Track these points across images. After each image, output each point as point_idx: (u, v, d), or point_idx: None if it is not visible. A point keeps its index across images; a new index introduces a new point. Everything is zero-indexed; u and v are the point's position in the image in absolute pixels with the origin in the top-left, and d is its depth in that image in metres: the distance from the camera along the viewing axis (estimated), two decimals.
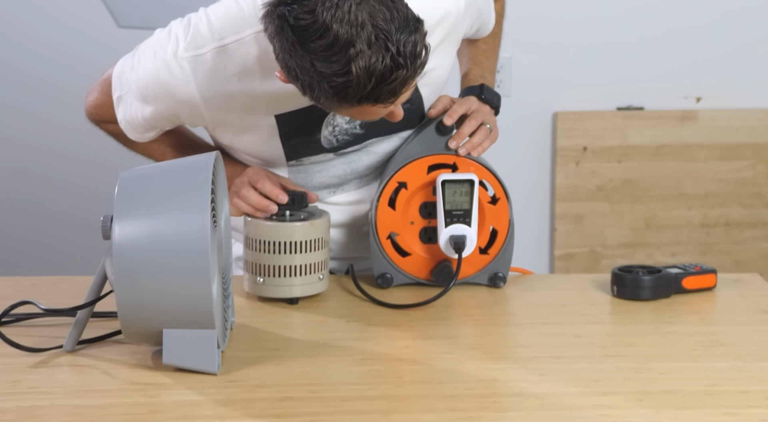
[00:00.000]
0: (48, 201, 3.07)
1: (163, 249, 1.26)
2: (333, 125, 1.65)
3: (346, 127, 1.66)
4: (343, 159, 1.71)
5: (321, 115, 1.63)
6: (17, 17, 2.99)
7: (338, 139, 1.67)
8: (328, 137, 1.66)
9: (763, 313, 1.60)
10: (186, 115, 1.61)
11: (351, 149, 1.70)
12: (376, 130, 1.69)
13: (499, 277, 1.69)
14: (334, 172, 1.72)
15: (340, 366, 1.36)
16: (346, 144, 1.68)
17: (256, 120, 1.61)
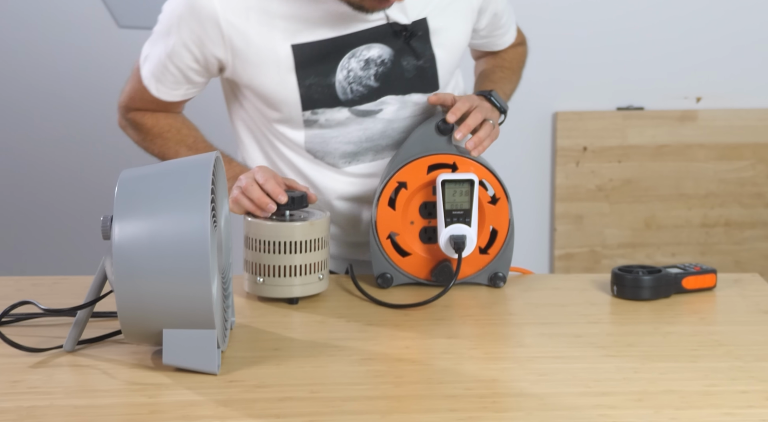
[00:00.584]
0: (48, 201, 3.07)
1: (163, 249, 1.26)
2: (348, 69, 1.69)
3: (361, 74, 1.71)
4: (357, 123, 1.74)
5: (337, 54, 1.69)
6: (17, 17, 2.99)
7: (352, 88, 1.71)
8: (342, 83, 1.70)
9: (763, 313, 1.60)
10: (209, 39, 1.67)
11: (365, 106, 1.73)
12: (390, 85, 1.73)
13: (499, 277, 1.69)
14: (349, 138, 1.75)
15: (340, 366, 1.36)
16: (360, 97, 1.72)
17: (273, 49, 1.67)
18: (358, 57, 1.71)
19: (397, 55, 1.73)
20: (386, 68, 1.72)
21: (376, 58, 1.71)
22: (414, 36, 1.73)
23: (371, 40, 1.71)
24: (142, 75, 1.76)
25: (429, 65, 1.75)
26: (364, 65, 1.71)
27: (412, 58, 1.74)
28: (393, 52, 1.72)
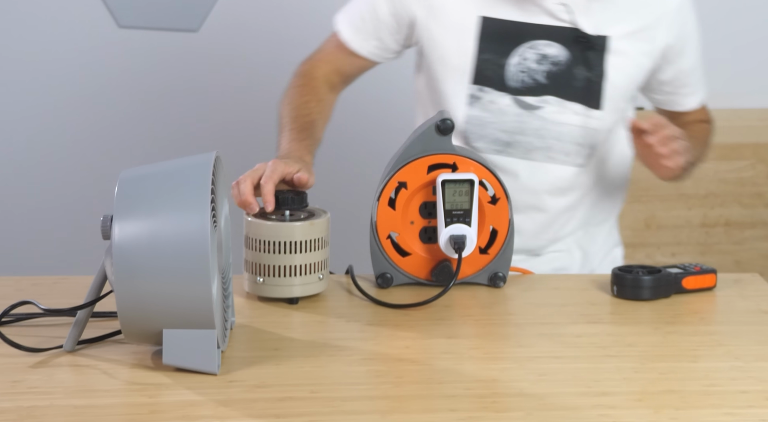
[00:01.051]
0: (48, 201, 3.07)
1: (163, 249, 1.26)
2: (523, 57, 1.77)
3: (533, 66, 1.78)
4: (516, 113, 1.81)
5: (518, 38, 1.78)
6: (17, 17, 2.99)
7: (521, 78, 1.78)
8: (514, 68, 1.78)
9: (763, 313, 1.60)
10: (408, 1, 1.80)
11: (527, 99, 1.80)
12: (556, 87, 1.81)
13: (499, 277, 1.69)
14: (506, 127, 1.82)
15: (340, 366, 1.36)
16: (525, 88, 1.80)
17: (464, 14, 1.78)
18: (536, 49, 1.78)
19: (572, 61, 1.80)
20: (558, 69, 1.79)
21: (552, 57, 1.78)
22: (592, 48, 1.79)
23: (553, 38, 1.79)
24: (337, 20, 1.89)
25: (597, 81, 1.81)
26: (540, 59, 1.78)
27: (584, 69, 1.80)
28: (570, 56, 1.79)
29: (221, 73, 3.06)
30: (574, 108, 1.83)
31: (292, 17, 3.05)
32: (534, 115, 1.83)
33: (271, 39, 3.05)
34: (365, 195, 1.88)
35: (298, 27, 3.04)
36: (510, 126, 1.83)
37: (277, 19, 3.05)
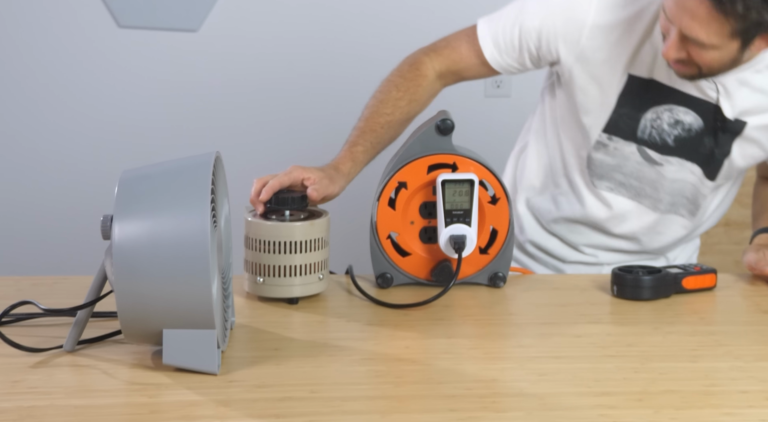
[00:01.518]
0: (48, 201, 3.07)
1: (163, 249, 1.26)
2: (658, 116, 1.77)
3: (665, 128, 1.78)
4: (637, 162, 1.82)
5: (659, 99, 1.77)
6: (17, 17, 2.99)
7: (650, 133, 1.78)
8: (646, 122, 1.78)
9: (763, 313, 1.60)
10: (563, 37, 1.77)
11: (651, 152, 1.81)
12: (682, 150, 1.81)
13: (499, 277, 1.69)
14: (623, 170, 1.84)
15: (340, 366, 1.36)
16: (651, 143, 1.80)
17: (613, 71, 1.76)
18: (673, 113, 1.78)
19: (703, 132, 1.79)
20: (688, 136, 1.79)
21: (687, 125, 1.78)
22: (726, 130, 1.79)
23: (692, 108, 1.78)
24: (480, 28, 1.85)
25: (720, 157, 1.82)
26: (673, 123, 1.78)
27: (712, 142, 1.80)
28: (703, 127, 1.79)
29: (221, 73, 3.06)
30: (692, 168, 1.83)
31: (292, 17, 3.05)
32: (653, 169, 1.84)
33: (271, 39, 3.05)
34: (365, 195, 1.88)
35: (298, 27, 3.05)
36: (628, 170, 1.85)
37: (277, 19, 3.05)
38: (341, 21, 3.07)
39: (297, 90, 3.08)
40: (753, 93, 1.76)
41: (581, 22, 1.76)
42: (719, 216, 2.01)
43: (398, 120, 1.83)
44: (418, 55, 1.89)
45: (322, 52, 3.07)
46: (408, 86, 1.84)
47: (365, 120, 1.82)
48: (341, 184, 1.71)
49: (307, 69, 3.07)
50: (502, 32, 1.84)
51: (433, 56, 1.88)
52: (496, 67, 1.88)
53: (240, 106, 3.08)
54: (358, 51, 3.06)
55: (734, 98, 1.75)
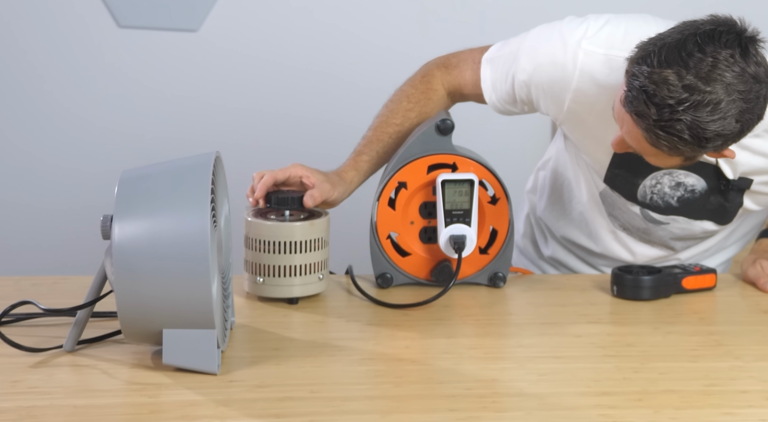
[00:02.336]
0: (48, 201, 3.07)
1: (163, 249, 1.26)
2: (657, 181, 1.72)
3: (667, 191, 1.73)
4: (642, 221, 1.78)
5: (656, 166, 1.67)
6: (17, 17, 2.99)
7: (652, 198, 1.74)
8: (646, 188, 1.73)
9: (763, 313, 1.60)
10: (550, 98, 1.69)
11: (654, 215, 1.76)
12: (687, 210, 1.75)
13: (499, 277, 1.69)
14: (631, 223, 1.80)
15: (340, 366, 1.36)
16: (654, 207, 1.75)
17: (604, 134, 1.66)
18: (673, 176, 1.73)
19: (708, 192, 1.73)
20: (692, 196, 1.74)
21: (689, 186, 1.73)
22: (732, 188, 1.73)
23: (693, 170, 1.72)
24: (484, 60, 1.78)
25: (732, 209, 1.76)
26: (675, 186, 1.73)
27: (721, 199, 1.74)
28: (707, 188, 1.73)
29: (221, 73, 3.06)
30: (702, 225, 1.78)
31: (292, 17, 3.05)
32: (660, 227, 1.79)
33: (271, 39, 3.05)
34: (365, 195, 1.88)
35: (298, 27, 3.04)
36: (635, 225, 1.80)
37: (277, 19, 3.05)
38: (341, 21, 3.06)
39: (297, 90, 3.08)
40: (754, 156, 1.68)
41: (567, 84, 1.67)
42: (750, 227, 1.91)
43: (407, 130, 1.79)
44: (432, 67, 1.85)
45: (322, 52, 3.07)
46: (419, 98, 1.81)
47: (374, 129, 1.79)
48: (341, 190, 1.69)
49: (308, 69, 3.07)
50: (501, 76, 1.77)
51: (444, 72, 1.84)
52: (492, 108, 1.81)
53: (240, 106, 3.08)
54: (359, 51, 3.06)
55: (734, 162, 1.68)
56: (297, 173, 1.65)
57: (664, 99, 1.41)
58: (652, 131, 1.45)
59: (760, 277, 1.71)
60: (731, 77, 1.41)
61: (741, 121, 1.44)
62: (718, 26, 1.45)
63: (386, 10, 3.08)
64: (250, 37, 3.05)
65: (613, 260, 1.84)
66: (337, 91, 3.08)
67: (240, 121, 3.09)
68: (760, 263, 1.74)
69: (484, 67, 1.79)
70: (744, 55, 1.43)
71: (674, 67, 1.42)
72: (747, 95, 1.42)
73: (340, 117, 2.98)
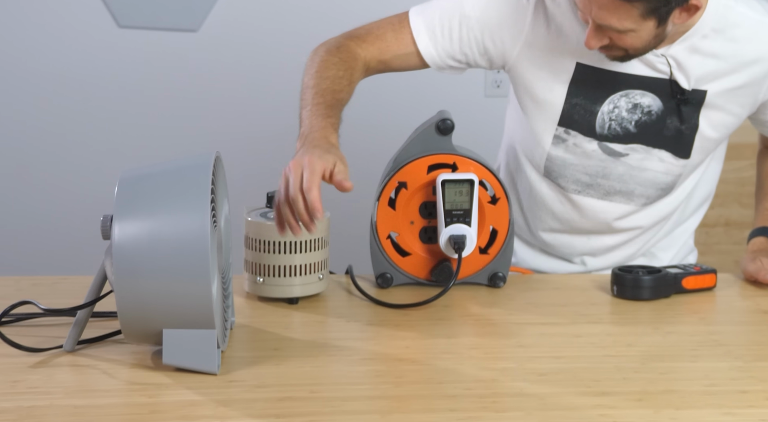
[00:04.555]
0: (48, 201, 3.07)
1: (163, 249, 1.26)
2: (615, 105, 1.74)
3: (624, 115, 1.75)
4: (601, 159, 1.79)
5: (612, 87, 1.74)
6: (17, 17, 2.99)
7: (610, 125, 1.75)
8: (604, 116, 1.74)
9: (763, 313, 1.60)
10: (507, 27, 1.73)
11: (614, 146, 1.77)
12: (645, 136, 1.77)
13: (499, 277, 1.69)
14: (588, 170, 1.80)
15: (340, 366, 1.36)
16: (613, 136, 1.76)
17: (560, 59, 1.72)
18: (629, 98, 1.75)
19: (664, 112, 1.75)
20: (649, 119, 1.75)
21: (645, 107, 1.74)
22: (687, 102, 1.75)
23: (648, 89, 1.75)
24: (412, 19, 1.76)
25: (689, 132, 1.77)
26: (631, 108, 1.74)
27: (677, 120, 1.76)
28: (663, 107, 1.75)
29: (221, 73, 3.06)
30: (660, 155, 1.79)
31: (292, 17, 3.05)
32: (618, 161, 1.79)
33: (271, 39, 3.05)
34: (365, 195, 1.88)
35: (298, 27, 3.04)
36: (593, 169, 1.81)
37: (277, 19, 3.05)
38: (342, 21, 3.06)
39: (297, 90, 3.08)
40: (705, 59, 1.72)
41: (524, 8, 1.73)
42: (704, 196, 1.94)
43: (344, 99, 1.69)
44: (343, 40, 1.77)
45: None
46: (346, 67, 1.72)
47: (324, 94, 1.65)
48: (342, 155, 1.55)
49: None
50: (440, 23, 1.75)
51: (359, 43, 1.77)
52: (430, 63, 1.78)
53: (240, 106, 3.08)
54: None
55: (687, 68, 1.72)
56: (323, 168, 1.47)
57: None
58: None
59: (761, 270, 1.72)
60: None
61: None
62: None
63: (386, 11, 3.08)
64: (250, 37, 3.05)
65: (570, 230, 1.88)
66: None
67: (240, 120, 3.09)
68: (760, 259, 1.75)
69: (414, 20, 1.77)
70: None
71: None
72: None
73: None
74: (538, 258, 1.95)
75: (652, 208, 1.85)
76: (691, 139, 1.77)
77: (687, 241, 1.99)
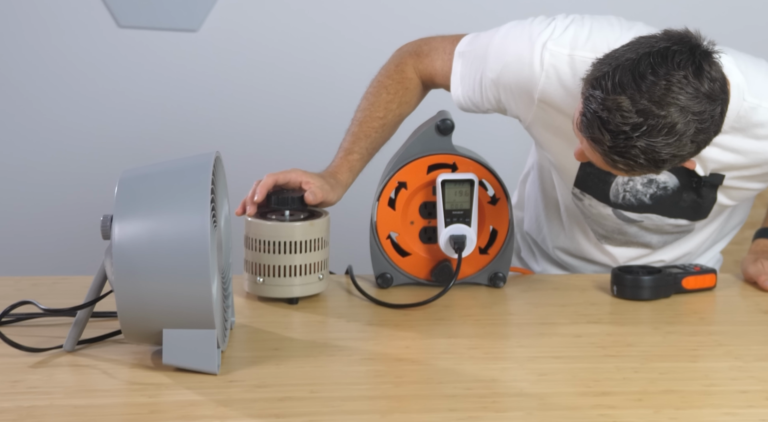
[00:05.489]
0: (48, 201, 3.07)
1: (163, 249, 1.26)
2: (630, 178, 1.70)
3: (639, 188, 1.72)
4: (614, 222, 1.77)
5: None
6: (17, 17, 2.99)
7: (625, 196, 1.72)
8: (618, 187, 1.71)
9: (763, 313, 1.60)
10: (519, 95, 1.67)
11: (628, 214, 1.74)
12: (661, 207, 1.74)
13: (499, 277, 1.69)
14: (605, 226, 1.79)
15: (340, 366, 1.36)
16: (627, 206, 1.73)
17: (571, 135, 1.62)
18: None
19: (680, 189, 1.72)
20: (665, 193, 1.72)
21: (661, 183, 1.71)
22: (704, 184, 1.71)
23: None
24: (455, 55, 1.77)
25: (707, 205, 1.74)
26: (647, 183, 1.71)
27: (694, 195, 1.72)
28: (679, 184, 1.71)
29: (221, 73, 3.06)
30: (677, 222, 1.76)
31: (292, 17, 3.05)
32: (634, 226, 1.77)
33: (271, 39, 3.05)
34: (365, 195, 1.88)
35: (298, 27, 3.04)
36: (609, 227, 1.79)
37: (277, 19, 3.05)
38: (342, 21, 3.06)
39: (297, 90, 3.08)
40: (723, 152, 1.65)
41: (534, 84, 1.65)
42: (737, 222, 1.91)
43: (391, 122, 1.80)
44: (405, 55, 1.85)
45: (322, 52, 3.07)
46: (397, 88, 1.81)
47: (359, 124, 1.79)
48: (339, 193, 1.70)
49: (308, 69, 3.07)
50: (469, 73, 1.75)
51: (416, 62, 1.84)
52: (458, 107, 1.79)
53: (240, 106, 3.08)
54: (359, 51, 3.06)
55: (704, 159, 1.66)
56: (297, 179, 1.64)
57: (618, 126, 1.40)
58: (608, 156, 1.44)
59: (761, 274, 1.71)
60: (685, 99, 1.40)
61: (696, 141, 1.43)
62: (672, 44, 1.43)
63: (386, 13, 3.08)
64: (250, 37, 3.05)
65: (597, 265, 1.86)
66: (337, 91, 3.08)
67: (240, 120, 3.09)
68: (761, 261, 1.74)
69: (456, 60, 1.77)
70: (697, 74, 1.41)
71: (628, 91, 1.40)
72: (701, 116, 1.41)
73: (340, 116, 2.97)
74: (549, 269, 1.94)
75: (672, 247, 1.83)
76: (708, 208, 1.75)
77: (716, 256, 1.95)
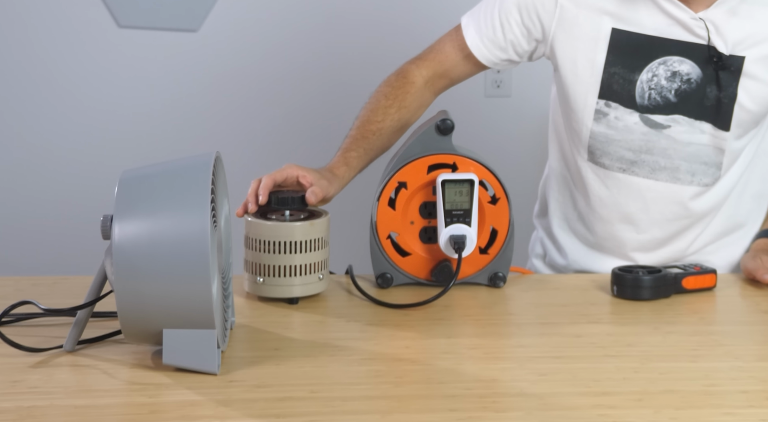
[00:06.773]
0: (48, 201, 3.08)
1: (163, 249, 1.26)
2: (654, 73, 1.74)
3: (664, 84, 1.75)
4: (643, 132, 1.78)
5: (650, 53, 1.76)
6: (17, 17, 2.99)
7: (650, 95, 1.75)
8: (643, 85, 1.75)
9: (763, 313, 1.60)
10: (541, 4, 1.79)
11: (656, 117, 1.77)
12: (686, 106, 1.77)
13: (499, 277, 1.69)
14: (631, 145, 1.80)
15: (340, 366, 1.36)
16: (654, 106, 1.77)
17: (596, 27, 1.76)
18: (668, 66, 1.75)
19: (703, 80, 1.76)
20: (689, 88, 1.75)
21: (684, 75, 1.75)
22: (725, 68, 1.75)
23: (686, 55, 1.76)
24: (464, 24, 1.87)
25: (727, 102, 1.77)
26: (670, 76, 1.75)
27: (715, 88, 1.76)
28: (702, 75, 1.75)
29: (221, 73, 3.06)
30: (702, 127, 1.78)
31: (292, 17, 3.05)
32: (661, 134, 1.78)
33: (271, 39, 3.05)
34: (365, 195, 1.88)
35: (298, 27, 3.05)
36: (636, 144, 1.80)
37: (277, 19, 3.05)
38: (342, 21, 3.07)
39: (297, 90, 3.08)
40: (743, 22, 1.74)
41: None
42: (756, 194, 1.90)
43: (389, 127, 1.84)
44: (405, 64, 1.92)
45: (322, 53, 3.07)
46: (396, 94, 1.86)
47: (357, 128, 1.83)
48: (336, 187, 1.72)
49: (308, 69, 3.08)
50: (484, 17, 1.85)
51: (419, 63, 1.90)
52: (480, 58, 1.86)
53: (240, 106, 3.08)
54: (359, 51, 3.06)
55: (725, 32, 1.73)
56: (293, 173, 1.66)
57: None
58: None
59: (759, 268, 1.72)
60: None
61: None
62: None
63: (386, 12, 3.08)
64: (250, 37, 3.05)
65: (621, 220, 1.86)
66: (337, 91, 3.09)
67: (240, 121, 3.09)
68: (760, 257, 1.75)
69: (464, 20, 1.87)
70: None
71: None
72: None
73: (340, 116, 2.98)
74: (590, 257, 1.93)
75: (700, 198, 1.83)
76: (730, 108, 1.77)
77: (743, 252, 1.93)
